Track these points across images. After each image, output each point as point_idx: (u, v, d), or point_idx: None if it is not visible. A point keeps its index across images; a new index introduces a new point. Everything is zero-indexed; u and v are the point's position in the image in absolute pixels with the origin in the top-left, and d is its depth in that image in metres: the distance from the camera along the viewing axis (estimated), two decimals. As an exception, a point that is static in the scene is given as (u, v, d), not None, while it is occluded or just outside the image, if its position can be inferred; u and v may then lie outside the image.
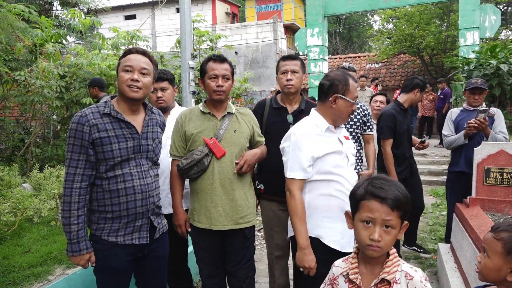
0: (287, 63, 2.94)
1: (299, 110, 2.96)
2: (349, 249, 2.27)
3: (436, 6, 14.86)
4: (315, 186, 2.30)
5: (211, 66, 2.55)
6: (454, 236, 3.70)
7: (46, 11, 10.42)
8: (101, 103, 2.16)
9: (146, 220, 2.21)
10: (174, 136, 2.64)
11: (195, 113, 2.62)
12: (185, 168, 2.50)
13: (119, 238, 2.13)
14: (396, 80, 15.49)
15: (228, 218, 2.52)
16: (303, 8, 20.13)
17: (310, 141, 2.27)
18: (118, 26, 7.55)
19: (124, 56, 2.19)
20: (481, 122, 3.83)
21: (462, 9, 9.26)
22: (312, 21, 10.77)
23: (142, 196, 2.16)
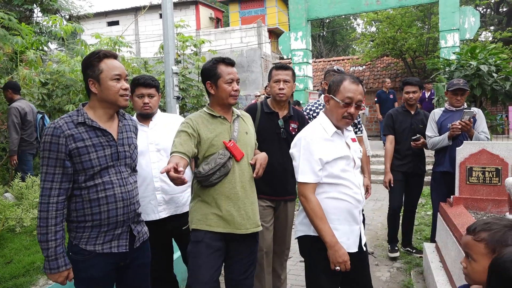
0: (279, 72, 3.13)
1: (289, 116, 3.18)
2: (354, 248, 2.34)
3: (417, 9, 15.11)
4: (323, 189, 2.33)
5: (227, 70, 2.48)
6: (439, 235, 3.75)
7: (27, 18, 10.27)
8: (73, 112, 2.08)
9: (126, 228, 2.15)
10: (182, 136, 2.37)
11: (205, 117, 2.51)
12: (208, 174, 2.37)
13: (97, 246, 2.06)
14: (380, 82, 15.66)
15: (250, 221, 2.49)
16: (287, 12, 20.26)
17: (319, 146, 2.29)
18: (101, 33, 7.47)
19: (99, 60, 2.07)
20: (466, 123, 3.88)
21: (442, 11, 9.43)
22: (296, 25, 10.84)
23: (123, 204, 2.10)
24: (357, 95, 2.28)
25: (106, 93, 2.07)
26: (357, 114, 2.36)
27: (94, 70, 2.06)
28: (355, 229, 2.36)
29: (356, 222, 2.37)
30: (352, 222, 2.35)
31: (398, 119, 4.62)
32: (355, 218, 2.37)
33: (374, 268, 4.30)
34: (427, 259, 3.72)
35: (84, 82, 2.11)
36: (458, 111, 4.15)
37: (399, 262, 4.43)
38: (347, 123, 2.33)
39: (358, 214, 2.39)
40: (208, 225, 2.43)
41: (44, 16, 10.39)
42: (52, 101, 6.14)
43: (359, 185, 2.39)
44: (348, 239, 2.33)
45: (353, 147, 2.43)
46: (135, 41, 20.23)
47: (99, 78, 2.06)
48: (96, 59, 2.07)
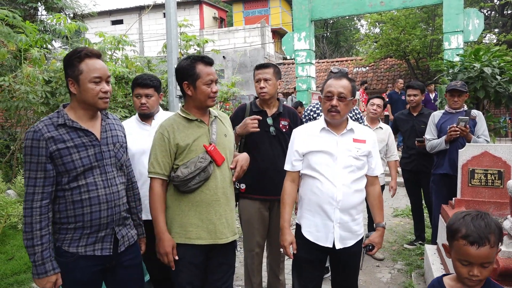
0: (260, 72, 3.14)
1: (278, 113, 3.17)
2: (326, 243, 2.43)
3: (421, 11, 15.08)
4: (303, 180, 2.54)
5: (206, 70, 2.33)
6: (440, 237, 3.74)
7: (31, 16, 10.31)
8: (53, 114, 2.03)
9: (111, 231, 2.09)
10: (158, 152, 2.31)
11: (180, 122, 2.37)
12: (187, 178, 2.24)
13: (80, 248, 2.02)
14: (383, 83, 15.64)
15: (229, 228, 2.39)
16: (291, 12, 20.24)
17: (300, 139, 2.50)
18: (105, 31, 7.49)
19: (79, 60, 1.98)
20: (462, 130, 3.89)
21: (446, 13, 9.40)
22: (299, 25, 10.83)
23: (107, 206, 2.05)
24: (337, 88, 2.38)
25: (84, 95, 2.00)
26: (344, 107, 2.38)
27: (74, 70, 1.99)
28: (328, 224, 2.41)
29: (329, 218, 2.40)
30: (324, 217, 2.42)
31: (401, 121, 4.97)
32: (327, 213, 2.40)
33: (375, 269, 4.29)
34: (428, 261, 3.71)
35: (65, 80, 2.05)
36: (458, 113, 4.15)
37: (400, 264, 4.42)
38: (333, 116, 2.40)
39: (332, 211, 2.39)
40: (187, 237, 2.30)
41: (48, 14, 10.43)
42: (56, 99, 6.15)
43: (339, 183, 2.37)
44: (317, 231, 2.45)
45: (347, 146, 2.43)
46: (138, 40, 20.27)
47: (78, 79, 1.99)
48: (77, 58, 1.99)
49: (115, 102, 6.66)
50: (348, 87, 2.40)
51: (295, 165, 2.52)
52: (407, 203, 7.05)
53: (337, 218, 2.40)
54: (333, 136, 2.45)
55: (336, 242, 2.42)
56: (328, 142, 2.44)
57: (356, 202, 2.45)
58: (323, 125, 2.47)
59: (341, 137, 2.45)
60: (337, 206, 2.39)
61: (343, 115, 2.41)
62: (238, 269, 4.27)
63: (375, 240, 2.53)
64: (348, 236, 2.45)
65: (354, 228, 2.47)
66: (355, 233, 2.48)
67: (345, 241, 2.45)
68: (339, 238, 2.43)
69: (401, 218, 6.29)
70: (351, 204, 2.42)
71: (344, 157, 2.41)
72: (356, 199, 2.44)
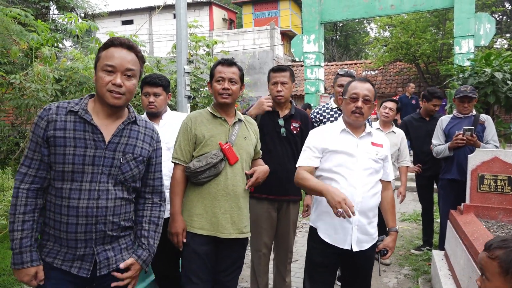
0: (277, 74, 3.13)
1: (289, 115, 3.18)
2: (345, 245, 2.41)
3: (431, 14, 14.99)
4: (323, 181, 2.46)
5: (219, 69, 2.52)
6: (448, 243, 3.70)
7: (43, 15, 10.41)
8: (75, 100, 1.85)
9: (90, 250, 1.78)
10: (181, 139, 2.51)
11: (205, 116, 2.55)
12: (197, 171, 2.38)
13: (57, 261, 1.77)
14: (392, 87, 15.56)
15: (234, 226, 2.46)
16: (300, 15, 20.23)
17: (319, 137, 2.50)
18: (115, 31, 7.55)
19: (105, 48, 1.82)
20: (469, 139, 3.86)
21: (457, 17, 9.34)
22: (309, 27, 10.82)
23: (86, 221, 1.74)
24: (363, 91, 2.41)
25: (96, 85, 1.80)
26: (367, 110, 2.42)
27: (97, 58, 1.83)
28: (346, 226, 2.40)
29: (348, 220, 2.38)
30: (343, 219, 2.34)
31: (412, 126, 4.84)
32: None
33: (382, 274, 4.26)
34: (435, 267, 3.68)
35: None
36: (466, 118, 4.11)
37: (406, 269, 4.39)
38: (357, 118, 2.42)
39: None
40: (192, 226, 2.44)
41: (60, 14, 10.53)
42: (66, 97, 6.20)
43: (359, 184, 2.38)
44: (335, 233, 2.43)
45: (366, 149, 2.44)
46: (148, 41, 20.38)
47: (96, 67, 1.82)
48: (104, 45, 1.83)
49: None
50: (372, 91, 2.46)
51: (314, 160, 2.47)
52: (415, 208, 7.01)
53: (355, 220, 2.40)
54: (353, 138, 2.47)
55: (353, 244, 2.41)
56: (348, 144, 2.45)
57: (374, 205, 2.46)
58: (343, 126, 2.49)
59: (360, 139, 2.47)
60: (356, 208, 2.37)
61: (366, 117, 2.45)
62: (244, 271, 4.27)
63: (389, 244, 2.52)
64: (364, 239, 2.45)
65: (371, 231, 2.47)
66: (371, 236, 2.49)
67: (362, 244, 2.44)
68: (357, 241, 2.42)
69: (408, 223, 6.25)
70: (369, 207, 2.42)
71: (365, 159, 2.42)
72: (374, 202, 2.45)
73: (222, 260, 2.51)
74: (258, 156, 2.78)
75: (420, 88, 14.69)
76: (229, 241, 2.46)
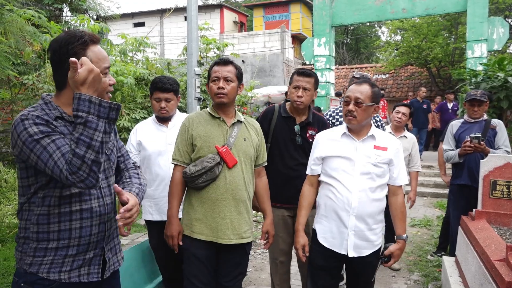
0: (300, 79, 2.95)
1: (307, 122, 3.01)
2: (341, 250, 2.41)
3: (444, 18, 14.89)
4: (321, 186, 2.54)
5: (214, 69, 2.46)
6: (459, 249, 3.65)
7: (56, 17, 10.53)
8: (41, 106, 1.62)
9: (99, 251, 1.73)
10: (179, 140, 2.47)
11: (204, 117, 2.49)
12: (194, 175, 2.34)
13: (63, 274, 1.62)
14: (403, 91, 15.46)
15: (234, 231, 2.41)
16: (311, 18, 20.22)
17: (320, 143, 2.53)
18: (127, 33, 7.60)
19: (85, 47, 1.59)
20: (477, 146, 3.79)
21: (470, 21, 9.25)
22: (319, 31, 10.80)
23: (99, 220, 1.69)
24: (355, 94, 2.38)
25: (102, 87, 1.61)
26: (361, 112, 2.35)
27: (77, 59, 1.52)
28: (343, 231, 2.39)
29: (344, 225, 2.38)
30: (339, 223, 2.40)
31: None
32: (342, 220, 2.38)
33: (391, 279, 4.22)
34: (446, 273, 3.63)
35: (53, 70, 1.64)
36: (477, 123, 4.06)
37: (416, 275, 4.34)
38: (349, 120, 2.40)
39: (347, 217, 2.37)
40: (192, 231, 2.40)
41: (72, 16, 10.64)
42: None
43: (355, 189, 2.35)
44: (332, 237, 2.43)
45: (367, 152, 2.40)
46: (159, 43, 20.52)
47: None
48: (81, 45, 1.58)
49: (134, 103, 6.74)
50: (367, 93, 2.36)
51: (314, 169, 2.54)
52: (425, 213, 6.94)
53: (352, 225, 2.36)
54: (353, 141, 2.43)
55: (349, 250, 2.38)
56: (347, 148, 2.42)
57: (374, 211, 2.39)
58: (344, 130, 2.47)
59: (362, 143, 2.42)
60: (352, 213, 2.35)
61: (360, 120, 2.37)
62: (252, 274, 4.26)
63: (395, 252, 2.44)
64: (363, 245, 2.40)
65: (371, 237, 2.41)
66: (372, 242, 2.42)
67: (360, 249, 2.40)
68: (353, 246, 2.39)
69: (419, 228, 6.18)
70: (367, 212, 2.37)
71: (363, 164, 2.38)
72: (373, 208, 2.38)
73: (223, 265, 2.47)
74: (262, 163, 2.67)
75: (431, 93, 14.57)
76: (229, 246, 2.41)
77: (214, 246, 2.41)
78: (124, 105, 6.56)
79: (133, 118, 6.30)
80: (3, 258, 3.06)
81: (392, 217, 2.55)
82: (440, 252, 4.79)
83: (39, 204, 1.61)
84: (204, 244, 2.39)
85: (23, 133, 1.50)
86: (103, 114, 1.47)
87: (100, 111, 1.46)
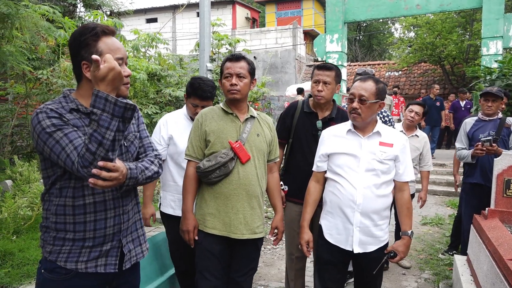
0: (320, 73, 2.91)
1: (329, 118, 2.96)
2: (346, 246, 2.42)
3: (458, 15, 14.69)
4: (327, 183, 2.55)
5: (226, 65, 2.45)
6: (471, 248, 3.62)
7: (70, 12, 10.64)
8: (59, 99, 1.66)
9: (117, 243, 1.72)
10: (192, 136, 2.48)
11: (216, 112, 2.49)
12: (207, 170, 2.33)
13: (80, 264, 1.64)
14: (416, 89, 15.32)
15: (247, 226, 2.41)
16: (323, 14, 20.11)
17: (325, 140, 2.54)
18: (139, 29, 7.66)
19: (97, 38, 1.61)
20: (488, 149, 3.74)
21: (485, 18, 9.11)
22: (332, 27, 10.74)
23: (114, 213, 1.70)
24: (359, 91, 2.36)
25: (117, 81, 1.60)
26: (366, 109, 2.33)
27: (90, 51, 1.59)
28: (348, 228, 2.40)
29: (349, 221, 2.38)
30: (344, 220, 2.41)
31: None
32: (347, 216, 2.39)
33: (401, 277, 4.20)
34: (457, 272, 3.60)
35: (72, 64, 1.66)
36: (491, 121, 4.00)
37: (427, 273, 4.32)
38: (354, 118, 2.38)
39: (352, 214, 2.37)
40: (205, 226, 2.41)
41: (86, 11, 10.74)
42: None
43: (360, 185, 2.35)
44: (338, 234, 2.45)
45: (372, 149, 2.39)
46: (172, 38, 20.60)
47: None
48: (93, 37, 1.60)
49: (146, 99, 6.79)
50: (371, 90, 2.34)
51: (320, 165, 2.55)
52: (436, 211, 6.89)
53: (357, 221, 2.37)
54: (359, 138, 2.43)
55: (354, 246, 2.39)
56: (352, 144, 2.42)
57: (379, 207, 2.39)
58: (350, 127, 2.46)
59: (367, 139, 2.41)
60: (357, 209, 2.35)
61: (365, 117, 2.36)
62: (261, 269, 4.28)
63: (399, 248, 2.43)
64: (369, 241, 2.41)
65: (377, 233, 2.41)
66: (378, 238, 2.42)
67: (365, 245, 2.40)
68: (359, 242, 2.39)
69: (430, 226, 6.14)
70: (372, 209, 2.37)
71: (368, 160, 2.37)
72: (379, 204, 2.38)
73: (235, 260, 2.49)
74: (274, 159, 2.66)
75: (444, 90, 14.41)
76: (242, 241, 2.43)
77: (227, 241, 2.42)
78: (136, 100, 6.62)
79: (145, 113, 6.35)
80: (18, 249, 3.13)
81: (398, 213, 2.55)
82: (451, 250, 4.75)
83: (57, 195, 1.64)
84: (217, 239, 2.40)
85: (37, 126, 1.54)
86: (117, 114, 1.47)
87: (115, 110, 1.47)
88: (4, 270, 3.02)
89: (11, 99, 7.31)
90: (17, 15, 4.83)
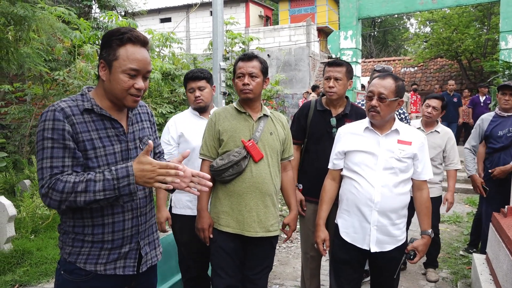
0: (331, 69, 2.91)
1: (343, 114, 2.95)
2: (363, 245, 2.39)
3: (476, 9, 14.40)
4: (344, 181, 2.52)
5: (239, 65, 2.46)
6: (490, 246, 3.55)
7: (85, 13, 10.78)
8: (77, 96, 1.66)
9: (135, 245, 1.72)
10: (206, 135, 2.51)
11: (230, 112, 2.51)
12: (220, 169, 2.37)
13: (99, 266, 1.64)
14: (432, 84, 15.09)
15: (261, 224, 2.42)
16: (337, 11, 19.94)
17: (342, 137, 2.50)
18: (153, 29, 7.71)
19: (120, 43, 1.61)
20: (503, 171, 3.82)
21: (503, 11, 8.92)
22: (346, 23, 10.64)
23: (132, 215, 1.69)
24: (378, 88, 2.32)
25: (113, 86, 1.62)
26: (385, 108, 2.29)
27: (109, 52, 1.60)
28: (365, 227, 2.37)
29: (366, 220, 2.35)
30: (361, 218, 2.38)
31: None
32: (365, 215, 2.36)
33: (419, 276, 4.15)
34: (476, 271, 3.54)
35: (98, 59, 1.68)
36: (510, 117, 3.90)
37: (445, 272, 4.25)
38: (372, 116, 2.34)
39: (369, 212, 2.34)
40: (219, 224, 2.44)
41: (101, 12, 10.86)
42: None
43: (378, 184, 2.32)
44: (354, 232, 2.42)
45: (390, 147, 2.35)
46: (185, 38, 20.70)
47: (111, 65, 1.61)
48: (117, 40, 1.60)
49: (161, 98, 6.84)
50: (391, 87, 2.30)
51: (336, 163, 2.53)
52: (454, 209, 6.78)
53: (374, 220, 2.34)
54: (376, 136, 2.39)
55: (371, 245, 2.36)
56: (370, 142, 2.39)
57: (397, 206, 2.36)
58: (367, 124, 2.42)
59: (385, 137, 2.38)
60: (374, 208, 2.33)
61: (383, 116, 2.32)
62: (276, 268, 4.27)
63: (419, 247, 2.40)
64: (386, 240, 2.38)
65: (394, 232, 2.38)
66: (395, 237, 2.39)
67: (382, 245, 2.37)
68: (376, 241, 2.36)
69: (448, 224, 6.05)
70: (390, 207, 2.34)
71: (386, 158, 2.34)
72: (397, 203, 2.35)
73: (249, 258, 2.49)
74: (288, 157, 2.65)
75: (461, 86, 14.17)
76: (256, 239, 2.43)
77: (241, 238, 2.43)
78: (151, 100, 6.66)
79: (159, 113, 6.40)
80: (36, 248, 3.18)
81: (417, 212, 2.50)
82: (471, 248, 4.67)
83: None
84: (231, 237, 2.41)
85: (41, 123, 1.57)
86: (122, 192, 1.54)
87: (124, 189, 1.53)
88: (22, 269, 3.08)
89: (29, 100, 7.45)
90: (33, 17, 4.91)
